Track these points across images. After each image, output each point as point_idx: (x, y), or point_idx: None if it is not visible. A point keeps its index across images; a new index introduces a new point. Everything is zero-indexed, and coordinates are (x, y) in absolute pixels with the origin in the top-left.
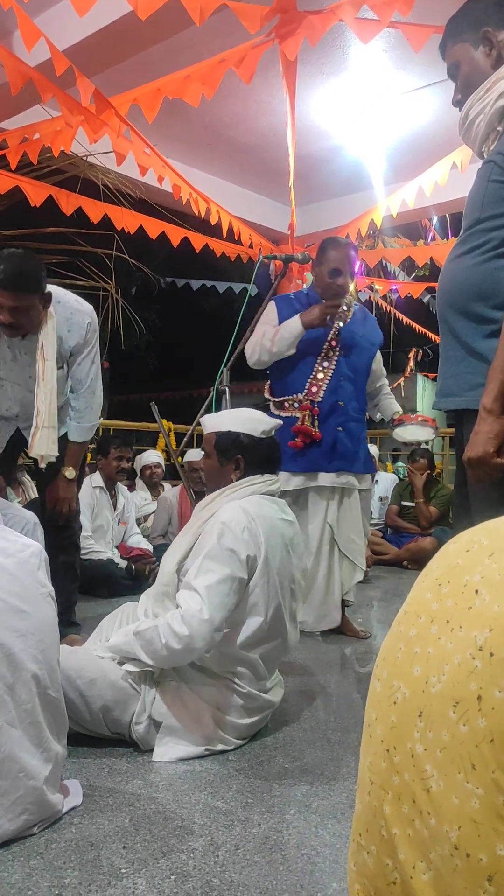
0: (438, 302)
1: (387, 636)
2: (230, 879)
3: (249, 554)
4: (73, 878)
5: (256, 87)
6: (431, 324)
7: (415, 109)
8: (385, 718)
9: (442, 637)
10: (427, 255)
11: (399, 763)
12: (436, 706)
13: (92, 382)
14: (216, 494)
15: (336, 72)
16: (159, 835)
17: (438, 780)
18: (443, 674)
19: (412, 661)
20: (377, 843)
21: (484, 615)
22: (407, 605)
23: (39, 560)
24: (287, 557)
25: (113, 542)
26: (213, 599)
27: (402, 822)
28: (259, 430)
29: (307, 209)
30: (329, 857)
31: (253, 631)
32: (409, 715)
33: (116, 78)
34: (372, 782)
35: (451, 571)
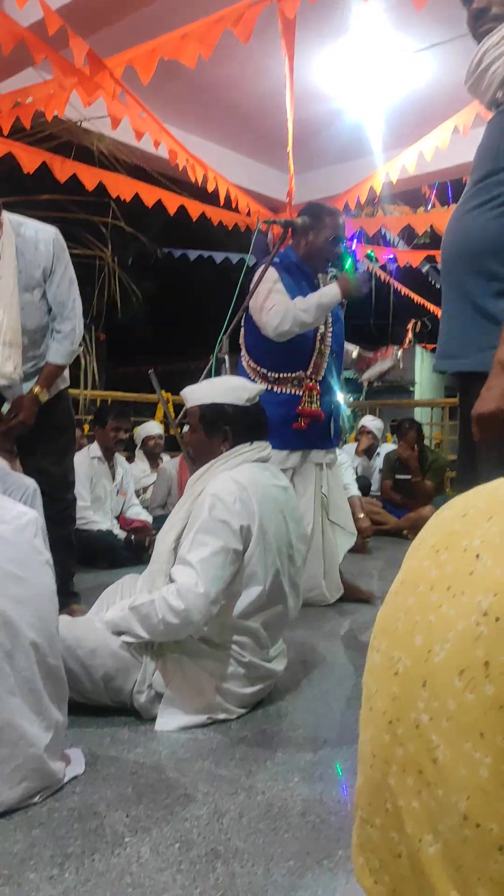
0: (445, 258)
1: (383, 607)
2: (235, 847)
3: (243, 524)
4: (76, 847)
5: (254, 49)
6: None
7: (415, 71)
8: (386, 690)
9: (443, 604)
10: (427, 222)
11: (402, 735)
12: (440, 675)
13: (74, 303)
14: (206, 467)
15: (335, 33)
16: (162, 803)
17: (445, 751)
18: (446, 641)
19: (413, 630)
20: (381, 816)
21: (487, 580)
22: (403, 575)
23: (36, 527)
24: (283, 524)
25: (112, 513)
26: (207, 573)
27: (408, 795)
28: (244, 398)
29: (306, 176)
30: (334, 825)
31: (252, 600)
32: (411, 685)
33: (111, 39)
34: (374, 755)
35: (448, 537)
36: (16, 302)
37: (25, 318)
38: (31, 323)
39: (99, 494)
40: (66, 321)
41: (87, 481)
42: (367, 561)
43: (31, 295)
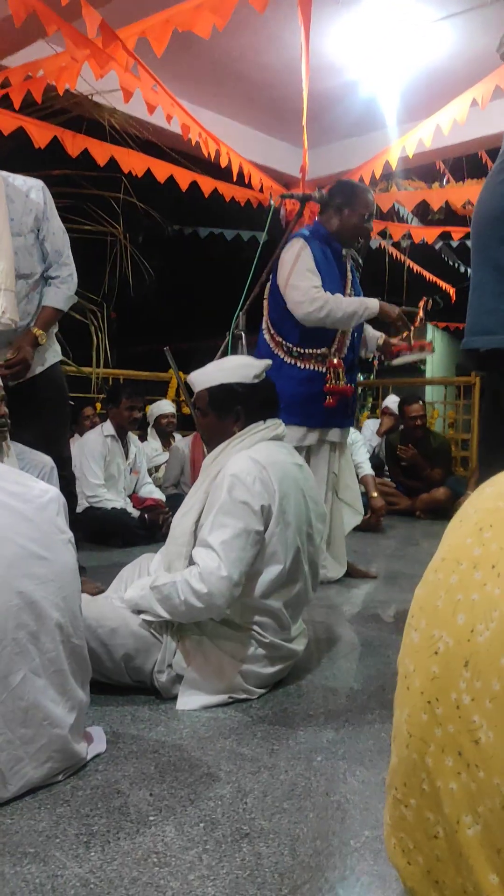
0: (479, 228)
1: (420, 585)
2: (260, 827)
3: (263, 504)
4: (101, 826)
5: (268, 20)
6: (444, 271)
7: (434, 42)
8: (425, 669)
9: (488, 583)
10: (442, 198)
11: (442, 715)
12: (484, 654)
13: (68, 251)
14: (222, 447)
15: (351, 2)
16: (186, 781)
17: (488, 731)
18: (491, 621)
19: (455, 608)
20: (417, 796)
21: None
22: (444, 552)
23: (59, 505)
24: (303, 502)
25: (125, 491)
26: (229, 555)
27: (447, 775)
28: (252, 374)
29: (319, 151)
30: (359, 805)
31: (272, 578)
32: (453, 665)
33: (124, 9)
34: (411, 735)
35: (491, 515)
36: (9, 247)
37: (18, 262)
38: (25, 267)
39: (112, 473)
40: (63, 267)
41: (100, 459)
42: (379, 539)
43: (24, 239)
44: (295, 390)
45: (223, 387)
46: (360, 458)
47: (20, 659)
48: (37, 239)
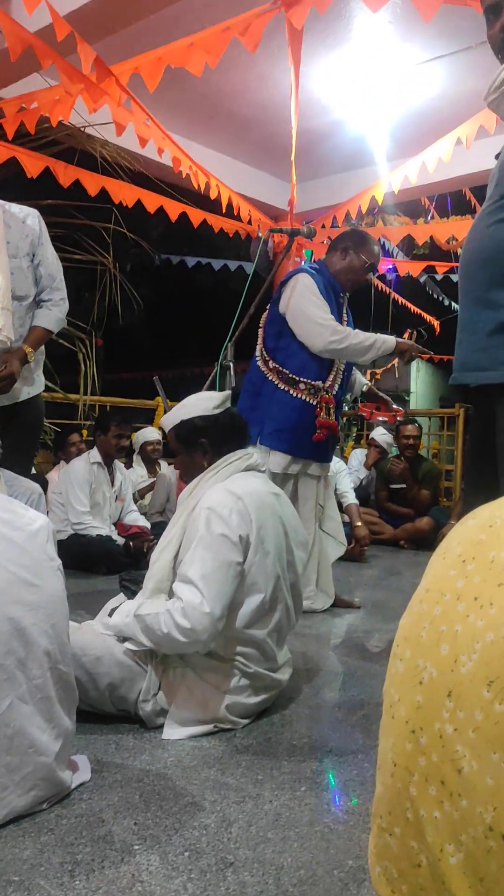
0: (469, 269)
1: (405, 615)
2: (245, 856)
3: (241, 535)
4: (85, 854)
5: (259, 59)
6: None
7: (420, 83)
8: (409, 699)
9: (471, 615)
10: (427, 233)
11: (426, 744)
12: (467, 685)
13: (61, 276)
14: (196, 481)
15: (340, 43)
16: (170, 811)
17: (471, 761)
18: (474, 652)
19: (438, 639)
20: (402, 825)
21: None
22: (428, 583)
23: (48, 533)
24: (281, 530)
25: (110, 518)
26: (210, 590)
27: (430, 804)
28: (211, 406)
29: (307, 185)
30: (343, 835)
31: (254, 608)
32: (436, 695)
33: (118, 46)
34: (395, 764)
35: (475, 547)
36: (6, 268)
37: (14, 284)
38: (20, 289)
39: (98, 500)
40: (55, 291)
41: (86, 486)
42: (363, 569)
43: (20, 262)
44: (287, 416)
45: (184, 423)
46: (344, 487)
47: (7, 685)
48: (31, 263)
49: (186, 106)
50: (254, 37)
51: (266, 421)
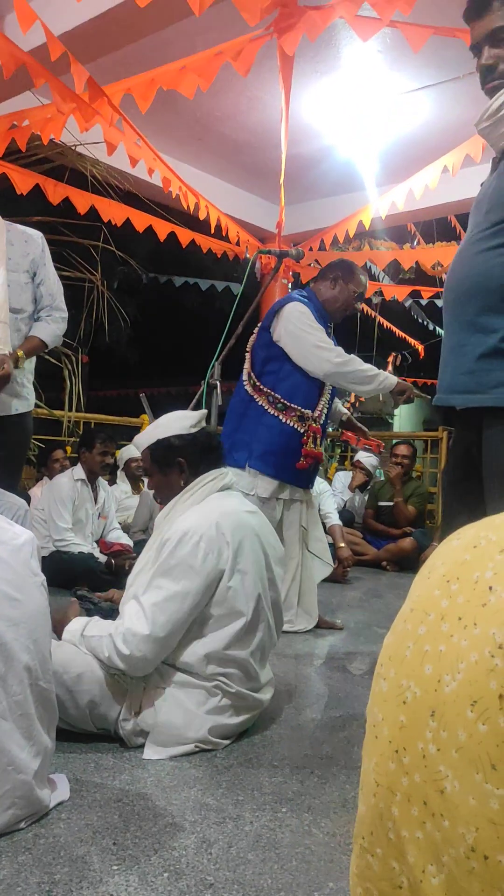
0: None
1: (390, 634)
2: (224, 877)
3: (210, 563)
4: (63, 875)
5: (250, 83)
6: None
7: (408, 112)
8: (393, 719)
9: (455, 635)
10: (413, 258)
11: (409, 764)
12: (450, 705)
13: (62, 297)
14: (172, 504)
15: (330, 70)
16: (150, 831)
17: (454, 781)
18: (458, 672)
19: (422, 659)
20: (384, 846)
21: (501, 612)
22: (413, 603)
23: (32, 548)
24: (260, 549)
25: (93, 536)
26: (157, 618)
27: (412, 825)
28: (187, 426)
29: (296, 208)
30: (324, 856)
31: (237, 630)
32: (420, 715)
33: (111, 66)
34: (378, 784)
35: (459, 568)
36: (4, 282)
37: (10, 295)
38: (16, 302)
39: (80, 517)
40: (57, 310)
41: (69, 503)
42: (346, 591)
43: (18, 276)
44: (274, 440)
45: (160, 442)
46: (327, 508)
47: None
48: (31, 280)
49: (177, 127)
50: (246, 62)
51: (254, 444)
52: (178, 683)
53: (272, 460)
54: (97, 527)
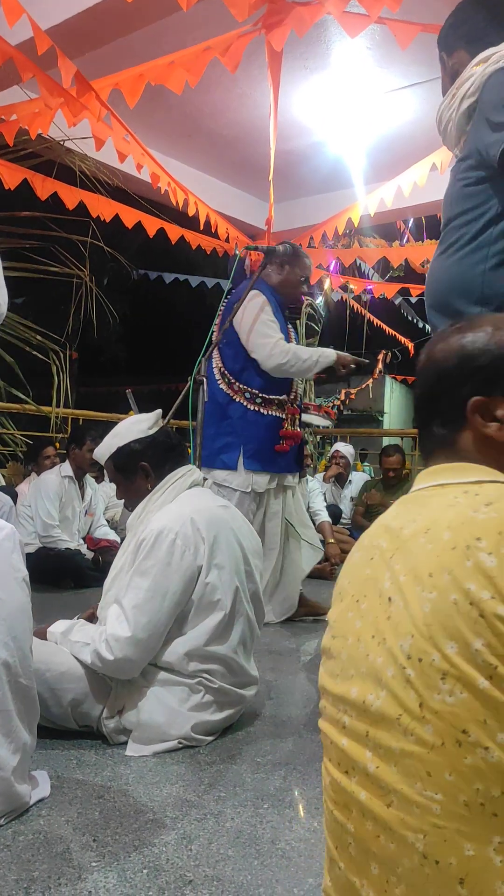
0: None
1: (322, 664)
2: (204, 874)
3: (187, 560)
4: (41, 872)
5: (239, 79)
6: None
7: (396, 109)
8: (336, 742)
9: (370, 653)
10: (402, 256)
11: (357, 783)
12: (381, 723)
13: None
14: (143, 504)
15: (319, 67)
16: (130, 828)
17: (397, 794)
18: (381, 689)
19: (349, 683)
20: (346, 860)
21: (402, 623)
22: (333, 630)
23: (14, 543)
24: (235, 543)
25: (80, 532)
26: (139, 619)
27: (368, 839)
28: (144, 428)
29: (285, 205)
30: (304, 853)
31: (216, 625)
32: (358, 736)
33: (99, 61)
34: (335, 802)
35: (364, 585)
36: None
37: None
38: None
39: (67, 514)
40: None
41: (56, 500)
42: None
43: None
44: (262, 435)
45: (120, 450)
46: (317, 505)
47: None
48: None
49: (166, 123)
50: (234, 57)
51: (244, 444)
52: (160, 681)
53: (263, 455)
54: (84, 524)
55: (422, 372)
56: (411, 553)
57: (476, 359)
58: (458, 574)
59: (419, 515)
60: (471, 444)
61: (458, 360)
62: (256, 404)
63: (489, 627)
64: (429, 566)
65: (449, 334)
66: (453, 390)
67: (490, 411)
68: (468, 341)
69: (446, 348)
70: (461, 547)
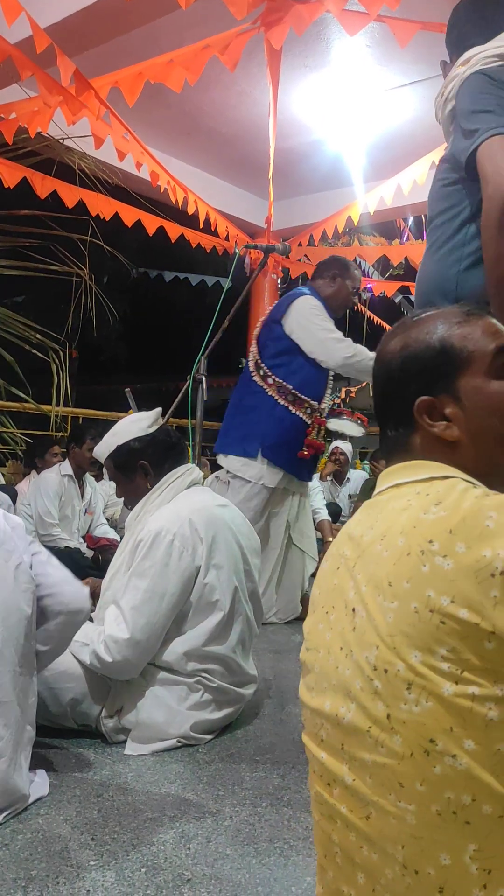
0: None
1: (301, 675)
2: (202, 872)
3: (185, 561)
4: (40, 871)
5: (238, 78)
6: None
7: (396, 107)
8: (317, 756)
9: (339, 665)
10: (402, 254)
11: (339, 795)
12: (353, 734)
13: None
14: (141, 504)
15: (319, 65)
16: (129, 826)
17: (374, 806)
18: (351, 702)
19: (322, 696)
20: (334, 869)
21: (366, 633)
22: (307, 643)
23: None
24: (234, 542)
25: (79, 531)
26: (137, 621)
27: (352, 849)
28: (144, 426)
29: (284, 203)
30: (302, 851)
31: (215, 625)
32: (334, 749)
33: (98, 60)
34: (321, 813)
35: (332, 595)
36: None
37: None
38: None
39: (66, 513)
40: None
41: (56, 499)
42: None
43: None
44: (284, 432)
45: (120, 449)
46: (317, 504)
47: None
48: None
49: (165, 122)
50: (233, 56)
51: (266, 435)
52: (159, 681)
53: (282, 451)
54: (84, 522)
55: (374, 373)
56: (371, 561)
57: (419, 358)
58: (416, 581)
59: (376, 521)
60: (422, 445)
61: (402, 361)
62: (287, 401)
63: (451, 633)
64: (387, 574)
65: (395, 333)
66: (401, 391)
67: (437, 410)
68: (412, 339)
69: (392, 348)
70: (415, 552)
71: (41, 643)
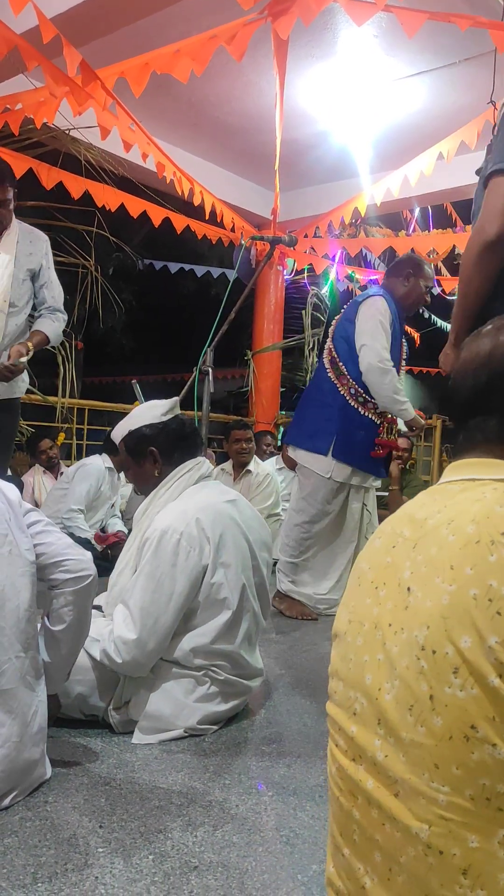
0: None
1: (334, 648)
2: (209, 860)
3: (192, 561)
4: (48, 857)
5: (245, 68)
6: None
7: (403, 97)
8: (346, 730)
9: (387, 642)
10: (408, 245)
11: (365, 771)
12: (392, 712)
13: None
14: (150, 499)
15: (325, 56)
16: (136, 814)
17: (404, 784)
18: (395, 679)
19: (363, 669)
20: (350, 846)
21: (419, 613)
22: (349, 614)
23: None
24: (241, 537)
25: (100, 523)
26: (145, 621)
27: (373, 827)
28: (158, 413)
29: (291, 194)
30: (308, 839)
31: (222, 624)
32: (368, 724)
33: (104, 50)
34: (341, 789)
35: (384, 572)
36: (9, 273)
37: (12, 289)
38: (15, 297)
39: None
40: (59, 311)
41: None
42: None
43: (17, 271)
44: (355, 432)
45: (132, 433)
46: None
47: None
48: (31, 279)
49: (172, 112)
50: (240, 46)
51: (337, 433)
52: (167, 674)
53: (352, 450)
54: (107, 514)
55: (473, 366)
56: (433, 544)
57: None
58: (481, 569)
59: (444, 507)
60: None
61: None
62: (358, 402)
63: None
64: (450, 558)
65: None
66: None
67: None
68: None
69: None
70: (485, 541)
71: (57, 622)
